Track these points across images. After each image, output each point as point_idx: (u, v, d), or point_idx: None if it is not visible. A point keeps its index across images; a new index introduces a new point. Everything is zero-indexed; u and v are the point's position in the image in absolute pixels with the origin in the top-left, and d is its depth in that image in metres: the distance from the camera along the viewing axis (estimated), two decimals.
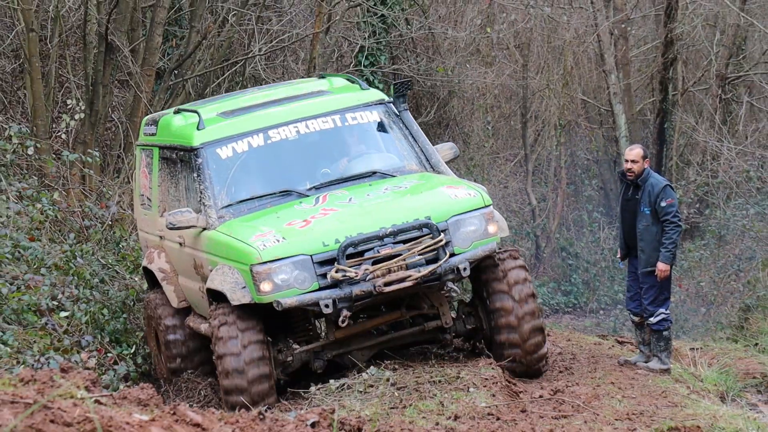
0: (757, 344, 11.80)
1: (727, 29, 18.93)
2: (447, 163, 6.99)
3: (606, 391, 7.10)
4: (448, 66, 18.04)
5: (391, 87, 7.56)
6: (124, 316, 8.07)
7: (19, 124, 10.45)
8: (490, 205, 6.17)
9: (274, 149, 6.71)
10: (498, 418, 5.74)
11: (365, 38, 15.75)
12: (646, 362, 8.50)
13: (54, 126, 11.46)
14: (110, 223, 9.90)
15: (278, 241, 5.91)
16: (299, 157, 6.83)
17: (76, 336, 7.45)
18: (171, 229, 6.26)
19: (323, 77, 7.78)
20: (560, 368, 8.59)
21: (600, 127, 22.68)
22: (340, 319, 5.74)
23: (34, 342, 6.94)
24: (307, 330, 6.39)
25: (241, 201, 6.47)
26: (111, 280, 8.74)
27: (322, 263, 5.74)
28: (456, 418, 5.81)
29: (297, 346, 6.16)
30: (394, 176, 6.62)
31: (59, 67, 11.97)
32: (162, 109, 10.81)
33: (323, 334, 6.35)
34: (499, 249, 6.45)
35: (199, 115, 6.82)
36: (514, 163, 21.94)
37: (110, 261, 9.03)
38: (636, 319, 8.61)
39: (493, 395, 6.39)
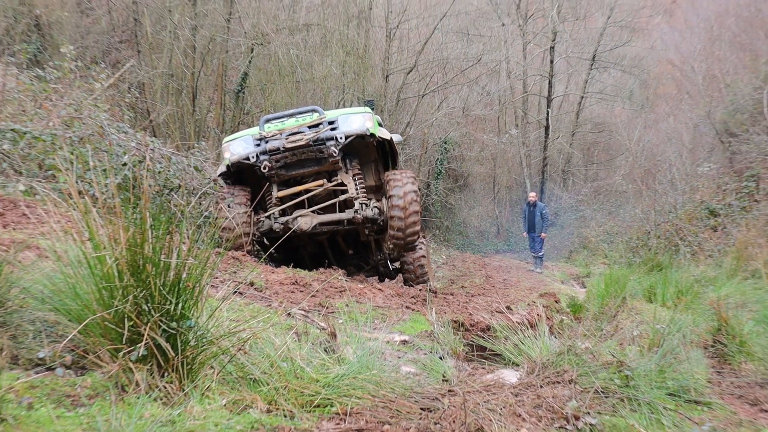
0: (575, 263, 16.15)
1: (564, 153, 27.49)
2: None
3: (522, 280, 9.81)
4: (468, 163, 26.43)
5: (364, 102, 8.54)
6: None
7: None
8: (369, 112, 6.56)
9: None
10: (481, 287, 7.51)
11: (440, 153, 23.26)
12: (534, 269, 12.62)
13: None
14: None
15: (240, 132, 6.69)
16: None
17: None
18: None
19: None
20: (505, 272, 11.65)
21: (519, 188, 27.14)
22: (262, 165, 6.22)
23: None
24: (271, 202, 6.70)
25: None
26: None
27: (258, 139, 6.43)
28: (452, 283, 7.52)
29: (263, 212, 6.64)
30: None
31: None
32: None
33: (274, 199, 6.64)
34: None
35: None
36: (490, 200, 27.83)
37: None
38: (532, 254, 13.11)
39: (482, 279, 9.53)
